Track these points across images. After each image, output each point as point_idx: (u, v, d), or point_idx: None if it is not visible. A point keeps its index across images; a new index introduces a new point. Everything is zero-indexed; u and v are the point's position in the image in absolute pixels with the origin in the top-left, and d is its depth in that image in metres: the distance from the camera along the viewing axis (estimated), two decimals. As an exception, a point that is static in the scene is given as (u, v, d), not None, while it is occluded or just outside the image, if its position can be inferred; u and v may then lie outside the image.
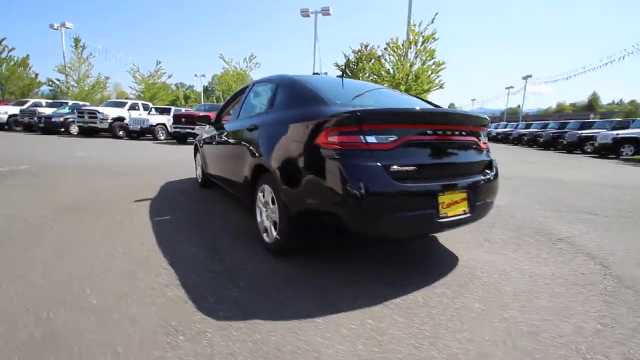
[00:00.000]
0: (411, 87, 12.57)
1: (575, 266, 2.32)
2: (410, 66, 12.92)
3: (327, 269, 2.15)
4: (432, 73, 12.83)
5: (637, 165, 10.31)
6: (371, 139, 1.74)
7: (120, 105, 15.32)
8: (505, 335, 1.53)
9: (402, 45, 13.17)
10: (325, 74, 21.14)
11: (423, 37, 12.50)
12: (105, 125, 13.84)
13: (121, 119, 14.44)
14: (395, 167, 1.75)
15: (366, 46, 16.67)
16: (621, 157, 12.36)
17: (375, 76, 13.43)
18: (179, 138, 13.63)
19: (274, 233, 2.24)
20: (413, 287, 1.95)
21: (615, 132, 13.18)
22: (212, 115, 13.56)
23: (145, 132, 14.43)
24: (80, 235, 2.56)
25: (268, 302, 1.74)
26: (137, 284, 1.86)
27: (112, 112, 14.23)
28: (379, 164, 1.72)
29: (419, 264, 2.31)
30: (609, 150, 12.78)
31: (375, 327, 1.55)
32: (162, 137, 14.59)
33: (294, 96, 2.29)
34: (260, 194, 2.44)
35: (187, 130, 13.09)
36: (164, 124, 14.68)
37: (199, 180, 4.73)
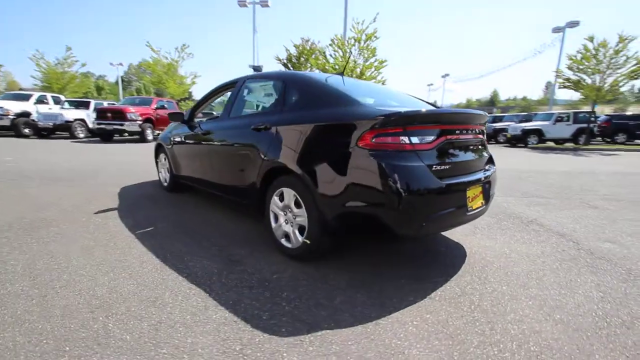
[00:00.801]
0: (355, 83, 12.94)
1: (554, 244, 2.71)
2: (354, 62, 13.38)
3: (351, 270, 2.14)
4: (375, 70, 13.49)
5: (543, 152, 12.35)
6: (415, 139, 1.79)
7: (25, 98, 12.85)
8: (542, 311, 1.72)
9: (347, 42, 13.53)
10: (261, 66, 20.53)
11: (366, 35, 13.03)
12: (6, 122, 11.53)
13: (26, 114, 12.15)
14: (437, 166, 1.82)
15: (307, 40, 16.70)
16: (528, 145, 14.66)
17: (320, 71, 13.60)
18: (104, 135, 12.07)
19: (300, 238, 2.16)
20: (442, 278, 2.07)
21: (522, 124, 15.55)
22: (142, 110, 12.37)
23: (59, 130, 12.42)
24: (57, 261, 2.13)
25: (322, 310, 1.68)
26: (168, 310, 1.63)
27: (14, 107, 11.90)
28: (424, 163, 1.77)
29: (430, 256, 2.45)
30: (518, 140, 15.04)
31: (436, 321, 1.62)
32: (82, 135, 12.73)
33: (318, 96, 2.20)
34: (275, 198, 2.32)
35: (115, 127, 11.68)
36: (82, 120, 12.80)
37: (165, 184, 4.26)
